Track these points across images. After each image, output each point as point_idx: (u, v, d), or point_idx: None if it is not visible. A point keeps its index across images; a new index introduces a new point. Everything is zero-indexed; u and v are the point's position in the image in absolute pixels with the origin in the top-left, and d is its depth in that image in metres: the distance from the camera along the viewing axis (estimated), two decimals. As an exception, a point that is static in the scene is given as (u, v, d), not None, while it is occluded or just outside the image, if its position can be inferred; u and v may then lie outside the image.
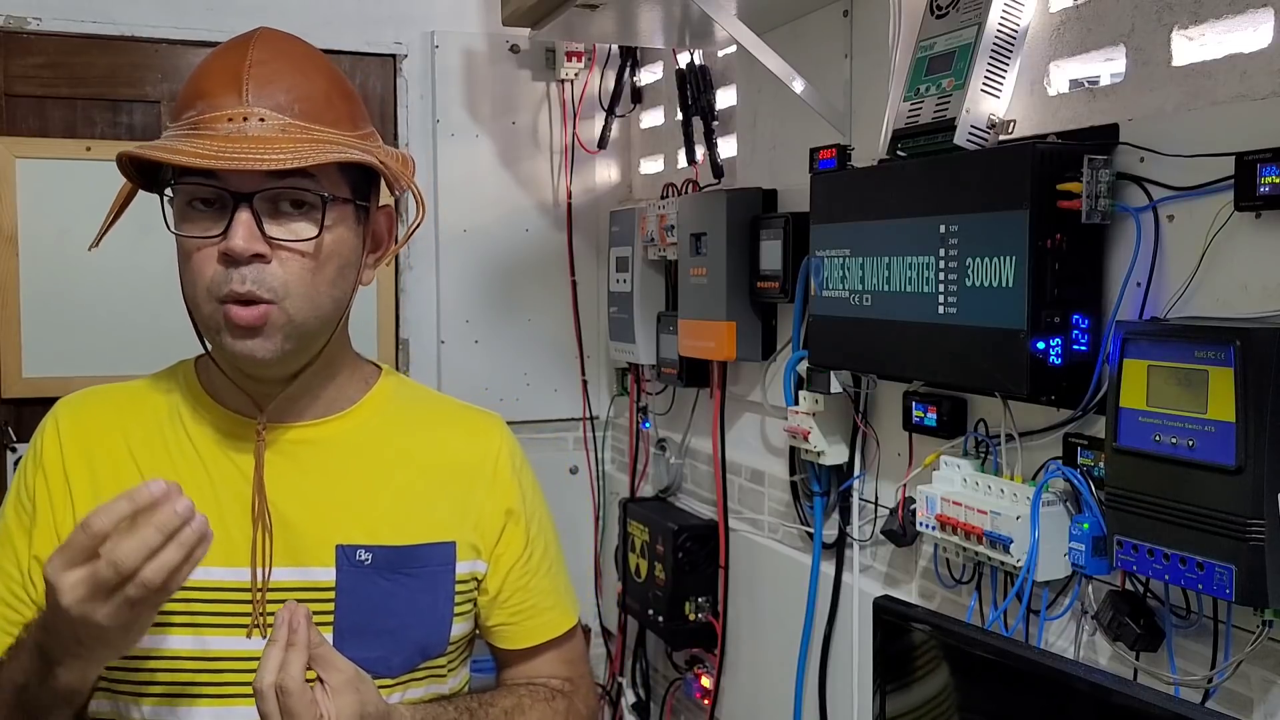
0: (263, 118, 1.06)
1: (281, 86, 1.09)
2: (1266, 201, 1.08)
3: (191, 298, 1.10)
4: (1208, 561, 1.06)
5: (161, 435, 1.18)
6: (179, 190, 1.08)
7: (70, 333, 2.46)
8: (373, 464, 1.21)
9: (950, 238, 1.38)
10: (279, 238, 1.08)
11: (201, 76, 1.11)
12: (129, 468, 1.17)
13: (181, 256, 1.10)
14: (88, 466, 1.17)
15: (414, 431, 1.26)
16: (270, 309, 1.08)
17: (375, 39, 2.67)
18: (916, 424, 1.58)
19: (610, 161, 2.85)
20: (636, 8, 2.00)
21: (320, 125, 1.10)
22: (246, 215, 1.06)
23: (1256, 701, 1.14)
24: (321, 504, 1.17)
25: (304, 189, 1.08)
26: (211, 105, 1.07)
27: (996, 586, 1.46)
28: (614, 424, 2.88)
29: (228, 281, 1.07)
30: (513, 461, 1.30)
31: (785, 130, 2.01)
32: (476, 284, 2.76)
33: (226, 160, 1.03)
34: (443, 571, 1.21)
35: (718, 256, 2.02)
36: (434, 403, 1.34)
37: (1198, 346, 1.08)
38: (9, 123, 2.46)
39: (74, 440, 1.18)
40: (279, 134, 1.06)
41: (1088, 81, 1.38)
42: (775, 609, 2.05)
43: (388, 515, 1.20)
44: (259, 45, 1.12)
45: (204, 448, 1.18)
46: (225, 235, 1.06)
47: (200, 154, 1.03)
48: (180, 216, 1.10)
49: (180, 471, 1.16)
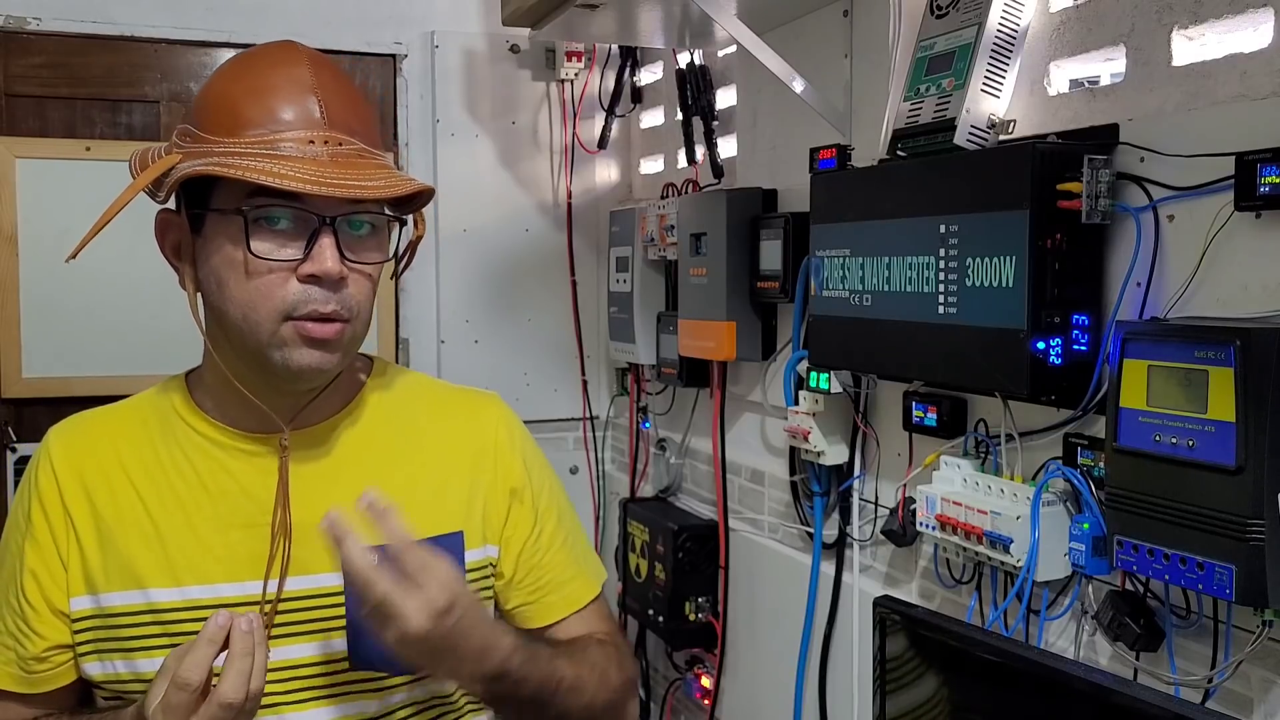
0: (340, 142, 1.08)
1: (349, 110, 1.11)
2: (1266, 201, 1.08)
3: (248, 317, 1.08)
4: (1208, 561, 1.06)
5: (156, 455, 1.17)
6: (254, 210, 1.06)
7: (70, 333, 2.46)
8: (372, 462, 1.21)
9: (950, 238, 1.38)
10: (354, 260, 1.09)
11: (264, 92, 1.08)
12: (126, 491, 1.16)
13: (240, 274, 1.07)
14: (85, 495, 1.16)
15: (412, 424, 1.25)
16: (345, 326, 1.10)
17: (375, 39, 2.67)
18: (916, 424, 1.58)
19: (610, 161, 2.85)
20: (636, 8, 2.00)
21: (376, 149, 1.13)
22: (331, 239, 1.07)
23: (1256, 701, 1.14)
24: (323, 508, 1.16)
25: (377, 213, 1.12)
26: (285, 124, 1.07)
27: (996, 586, 1.46)
28: (614, 424, 2.88)
29: (309, 302, 1.07)
30: (511, 438, 1.29)
31: (785, 130, 2.01)
32: (476, 284, 2.76)
33: (331, 186, 1.03)
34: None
35: (718, 256, 2.02)
36: (429, 390, 1.33)
37: (1198, 346, 1.08)
38: (9, 123, 2.46)
39: (68, 469, 1.17)
40: (358, 159, 1.08)
41: (1088, 81, 1.38)
42: (775, 609, 2.05)
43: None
44: (313, 62, 1.12)
45: (201, 464, 1.16)
46: (308, 258, 1.06)
47: (303, 179, 1.03)
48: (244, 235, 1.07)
49: (178, 490, 1.15)
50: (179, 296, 1.13)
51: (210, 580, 1.13)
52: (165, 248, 1.15)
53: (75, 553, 1.14)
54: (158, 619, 1.12)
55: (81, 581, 1.14)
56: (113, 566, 1.13)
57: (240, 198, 1.06)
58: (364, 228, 1.11)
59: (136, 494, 1.15)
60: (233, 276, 1.08)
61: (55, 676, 1.16)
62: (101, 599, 1.13)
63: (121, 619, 1.12)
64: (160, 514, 1.14)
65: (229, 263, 1.07)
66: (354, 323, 1.11)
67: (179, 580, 1.13)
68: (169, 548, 1.13)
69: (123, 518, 1.14)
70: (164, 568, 1.13)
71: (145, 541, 1.13)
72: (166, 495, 1.15)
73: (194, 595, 1.12)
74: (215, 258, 1.08)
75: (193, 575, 1.13)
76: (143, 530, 1.14)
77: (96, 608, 1.13)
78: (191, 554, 1.13)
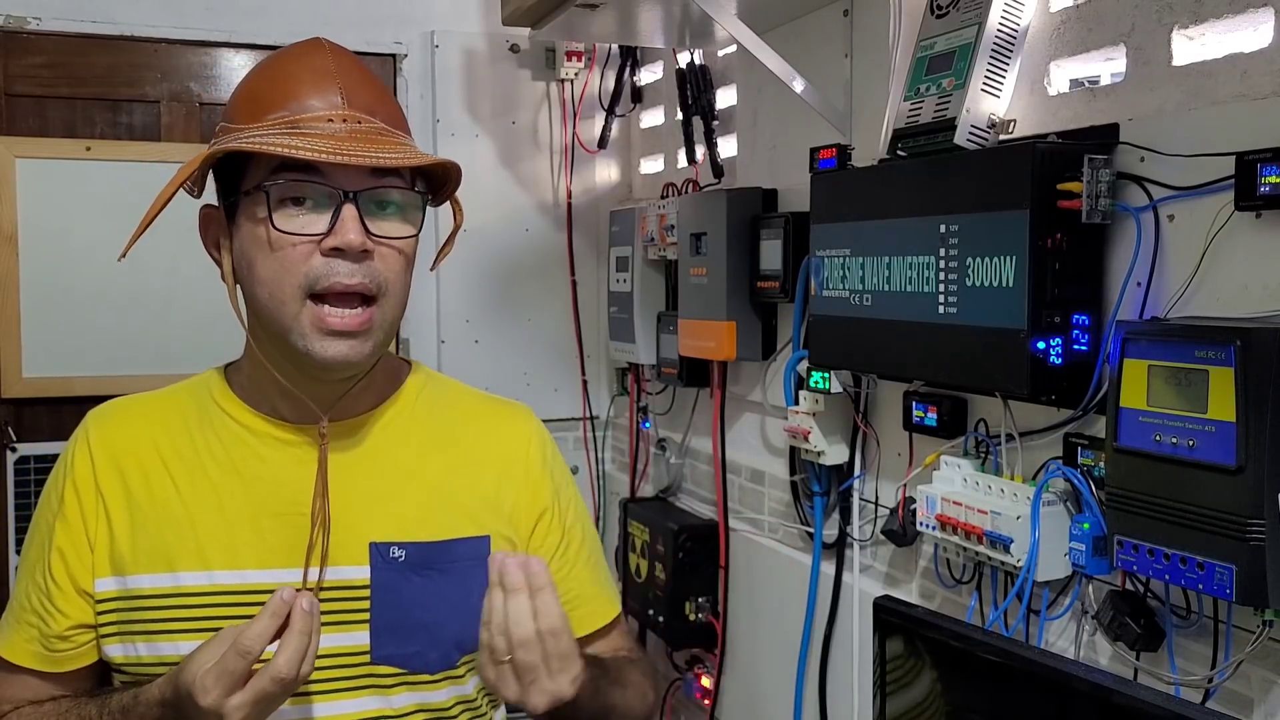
0: (360, 120, 1.09)
1: (371, 95, 1.12)
2: (1267, 201, 1.08)
3: (274, 295, 1.08)
4: (1208, 561, 1.06)
5: (191, 441, 1.18)
6: (275, 188, 1.07)
7: (70, 333, 2.45)
8: (404, 460, 1.22)
9: (950, 237, 1.38)
10: (381, 235, 1.09)
11: (286, 79, 1.10)
12: (160, 475, 1.17)
13: (265, 254, 1.08)
14: (119, 477, 1.17)
15: (445, 426, 1.26)
16: (374, 312, 1.10)
17: (375, 39, 2.67)
18: (917, 424, 1.58)
19: (610, 161, 2.86)
20: (636, 7, 2.00)
21: (400, 130, 1.13)
22: (354, 211, 1.07)
23: (1256, 701, 1.14)
24: (354, 501, 1.17)
25: (403, 187, 1.11)
26: (306, 106, 1.08)
27: (997, 586, 1.46)
28: (614, 424, 2.88)
29: (332, 274, 1.07)
30: (544, 453, 1.31)
31: (785, 130, 2.01)
32: (476, 284, 2.77)
33: (346, 155, 1.04)
34: (476, 566, 1.20)
35: (718, 256, 2.02)
36: (463, 396, 1.34)
37: (1198, 346, 1.08)
38: (9, 123, 2.46)
39: (104, 452, 1.18)
40: (378, 136, 1.09)
41: (1088, 81, 1.38)
42: (775, 609, 2.05)
43: (421, 511, 1.20)
44: (335, 53, 1.14)
45: (235, 451, 1.17)
46: (331, 231, 1.07)
47: (317, 150, 1.04)
48: (270, 209, 1.08)
49: (211, 475, 1.16)
50: (179, 297, 1.14)
51: (239, 566, 1.14)
52: (207, 242, 1.17)
53: (104, 534, 1.15)
54: (185, 602, 1.13)
55: (107, 563, 1.15)
56: (142, 549, 1.14)
57: (264, 175, 1.07)
58: (390, 206, 1.11)
59: (170, 478, 1.16)
60: (259, 255, 1.08)
61: (77, 656, 1.17)
62: (129, 580, 1.14)
63: (148, 601, 1.13)
64: (193, 499, 1.15)
65: (255, 241, 1.09)
66: (383, 304, 1.10)
67: (208, 565, 1.14)
68: (199, 532, 1.14)
69: (155, 501, 1.16)
70: (194, 552, 1.14)
71: (176, 525, 1.14)
72: (200, 481, 1.16)
73: (221, 580, 1.13)
74: (244, 239, 1.10)
75: (222, 560, 1.14)
76: (174, 514, 1.15)
77: (123, 589, 1.14)
78: (221, 540, 1.14)
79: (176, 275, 2.32)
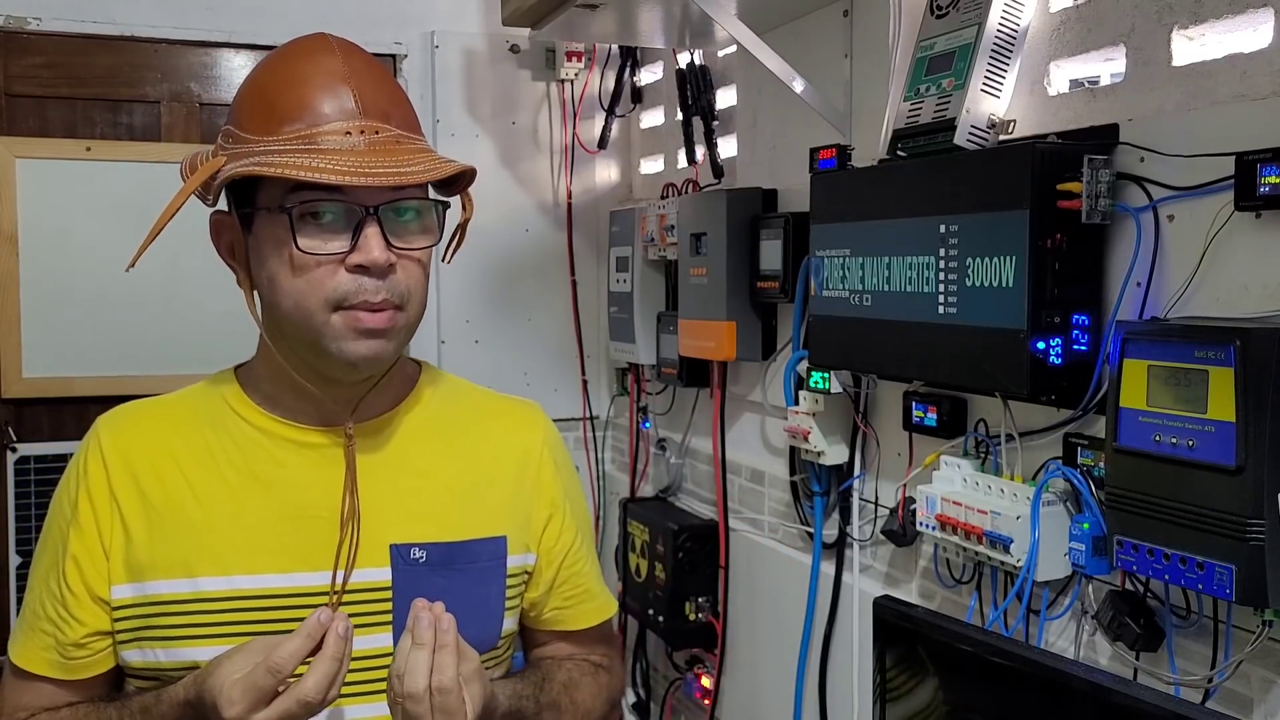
0: (377, 130, 1.08)
1: (384, 96, 1.11)
2: (1266, 201, 1.08)
3: (300, 306, 1.08)
4: (1208, 561, 1.06)
5: (206, 445, 1.18)
6: (298, 206, 1.06)
7: (70, 333, 2.45)
8: (424, 460, 1.22)
9: (950, 238, 1.38)
10: (402, 247, 1.10)
11: (297, 84, 1.09)
12: (175, 479, 1.16)
13: (289, 269, 1.08)
14: (134, 482, 1.16)
15: (458, 426, 1.27)
16: (398, 313, 1.10)
17: (375, 39, 2.67)
18: (916, 424, 1.58)
19: (610, 161, 2.86)
20: (636, 8, 2.00)
21: (414, 134, 1.13)
22: (376, 228, 1.07)
23: (1256, 701, 1.14)
24: (375, 503, 1.17)
25: (422, 198, 1.12)
26: (321, 116, 1.07)
27: (996, 586, 1.46)
28: (614, 424, 2.88)
29: (360, 292, 1.08)
30: (555, 453, 1.32)
31: (785, 130, 2.01)
32: (476, 284, 2.76)
33: (368, 174, 1.04)
34: (494, 566, 1.22)
35: (718, 256, 2.02)
36: (473, 394, 1.34)
37: (1198, 346, 1.08)
38: (9, 123, 2.46)
39: (117, 457, 1.17)
40: (396, 145, 1.09)
41: (1088, 81, 1.38)
42: (775, 609, 2.05)
43: (440, 511, 1.20)
44: (345, 51, 1.13)
45: (252, 455, 1.17)
46: (355, 249, 1.07)
47: (340, 171, 1.04)
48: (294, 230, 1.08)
49: (228, 480, 1.16)
50: (179, 297, 1.14)
51: (259, 570, 1.14)
52: (221, 249, 1.16)
53: (120, 541, 1.14)
54: (205, 608, 1.12)
55: (123, 569, 1.14)
56: (160, 554, 1.14)
57: (283, 194, 1.07)
58: (409, 214, 1.11)
59: (186, 483, 1.16)
60: (283, 272, 1.09)
61: (93, 664, 1.16)
62: (147, 586, 1.13)
63: (167, 607, 1.13)
64: (210, 503, 1.15)
65: (279, 259, 1.09)
66: (406, 309, 1.11)
67: (227, 570, 1.13)
68: (218, 537, 1.14)
69: (172, 506, 1.15)
70: (213, 557, 1.13)
71: (194, 530, 1.14)
72: (216, 485, 1.16)
73: (241, 585, 1.13)
74: (266, 256, 1.10)
75: (241, 565, 1.13)
76: (191, 519, 1.14)
77: (140, 595, 1.13)
78: (240, 544, 1.14)
79: (177, 275, 2.32)
